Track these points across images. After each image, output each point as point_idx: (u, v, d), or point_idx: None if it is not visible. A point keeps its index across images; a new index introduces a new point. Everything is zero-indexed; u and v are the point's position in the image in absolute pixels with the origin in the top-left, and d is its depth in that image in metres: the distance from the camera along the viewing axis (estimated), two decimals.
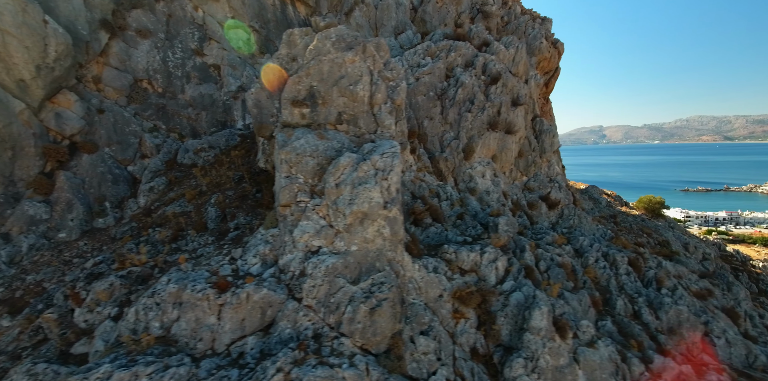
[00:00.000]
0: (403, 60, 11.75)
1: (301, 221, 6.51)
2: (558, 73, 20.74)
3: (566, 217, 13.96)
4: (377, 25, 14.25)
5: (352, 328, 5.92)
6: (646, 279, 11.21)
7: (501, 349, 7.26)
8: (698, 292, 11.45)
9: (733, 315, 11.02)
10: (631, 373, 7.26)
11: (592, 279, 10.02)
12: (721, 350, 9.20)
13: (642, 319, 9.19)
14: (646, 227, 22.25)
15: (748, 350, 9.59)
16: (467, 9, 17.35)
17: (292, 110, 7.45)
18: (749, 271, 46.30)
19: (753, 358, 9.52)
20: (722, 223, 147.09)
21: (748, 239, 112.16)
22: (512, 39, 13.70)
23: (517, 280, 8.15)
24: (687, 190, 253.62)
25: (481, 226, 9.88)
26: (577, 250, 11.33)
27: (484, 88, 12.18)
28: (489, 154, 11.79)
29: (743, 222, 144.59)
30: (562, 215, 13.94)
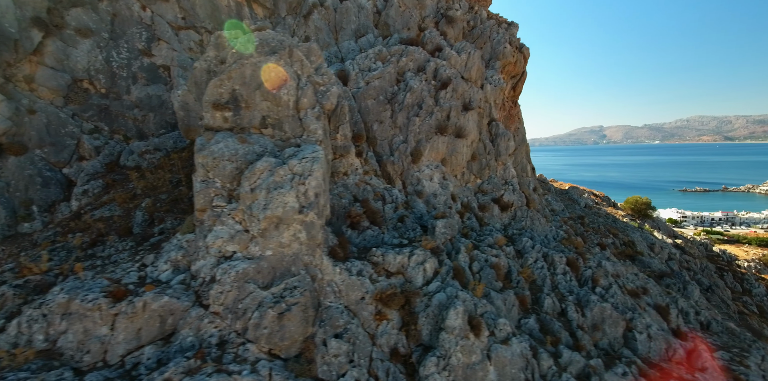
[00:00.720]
0: (354, 64, 12.01)
1: (216, 226, 6.57)
2: (525, 76, 21.22)
3: (519, 218, 14.34)
4: (337, 28, 14.47)
5: (258, 333, 6.00)
6: (583, 278, 11.66)
7: (420, 349, 7.50)
8: (633, 290, 11.96)
9: (663, 312, 11.66)
10: (540, 367, 7.63)
11: (526, 278, 10.38)
12: (641, 344, 9.73)
13: (567, 316, 9.59)
14: (614, 228, 22.85)
15: (668, 344, 10.19)
16: (431, 13, 17.67)
17: (213, 113, 7.53)
18: (734, 270, 47.47)
19: (672, 351, 10.14)
20: (718, 224, 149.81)
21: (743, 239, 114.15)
22: (465, 45, 14.04)
23: (444, 281, 8.42)
24: (685, 191, 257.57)
25: (421, 228, 10.18)
26: (519, 251, 11.71)
27: (434, 92, 12.49)
28: (438, 157, 12.10)
29: (739, 222, 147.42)
30: (515, 217, 14.31)
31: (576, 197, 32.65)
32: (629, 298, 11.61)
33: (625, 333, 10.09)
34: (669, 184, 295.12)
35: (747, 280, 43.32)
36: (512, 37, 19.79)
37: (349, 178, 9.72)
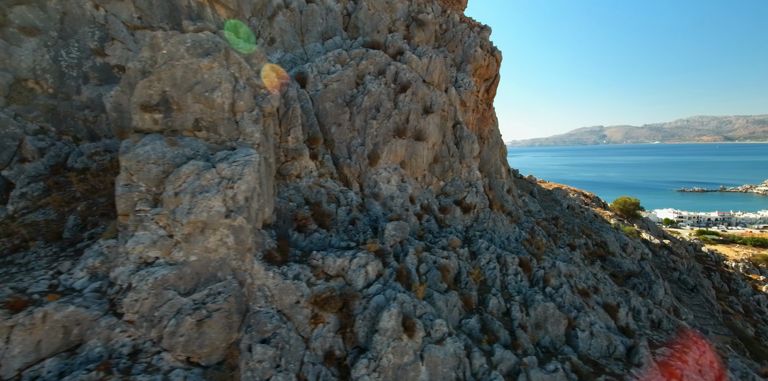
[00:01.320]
0: (313, 67, 12.04)
1: (138, 231, 6.44)
2: (498, 79, 21.42)
3: (481, 220, 14.47)
4: (303, 30, 14.45)
5: (173, 341, 5.90)
6: (535, 278, 11.88)
7: (356, 351, 7.42)
8: (583, 289, 12.26)
9: (611, 310, 12.07)
10: (472, 365, 7.74)
11: (475, 279, 10.49)
12: (582, 342, 10.03)
13: (511, 315, 9.73)
14: (588, 229, 23.13)
15: (609, 341, 10.49)
16: (402, 17, 17.75)
17: (142, 115, 7.38)
18: (722, 270, 47.98)
19: (613, 348, 10.49)
20: (714, 224, 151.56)
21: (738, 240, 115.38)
22: (427, 49, 14.14)
23: (387, 283, 8.46)
24: (683, 191, 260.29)
25: (373, 231, 10.25)
26: (473, 253, 11.84)
27: (394, 96, 12.57)
28: (397, 160, 12.17)
29: (735, 222, 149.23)
30: (477, 218, 14.44)
31: (559, 198, 32.91)
32: (578, 297, 11.85)
33: (567, 331, 10.32)
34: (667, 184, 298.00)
35: (734, 280, 44.01)
36: (484, 41, 19.94)
37: (302, 180, 9.76)
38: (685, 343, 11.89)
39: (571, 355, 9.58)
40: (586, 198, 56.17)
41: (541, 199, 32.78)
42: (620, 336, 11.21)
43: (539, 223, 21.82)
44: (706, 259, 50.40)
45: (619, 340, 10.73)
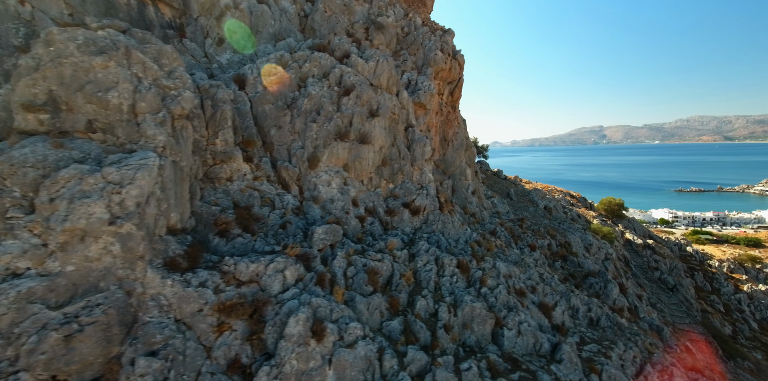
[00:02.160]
0: (253, 68, 12.06)
1: (6, 240, 5.92)
2: (461, 82, 21.48)
3: (430, 222, 14.55)
4: (253, 31, 14.47)
5: (32, 360, 5.39)
6: (473, 279, 11.88)
7: (263, 358, 7.12)
8: (520, 289, 12.39)
9: (546, 309, 12.26)
10: (382, 367, 7.78)
11: (407, 281, 10.58)
12: (508, 340, 10.15)
13: (438, 316, 9.82)
14: (553, 230, 23.20)
15: (536, 339, 10.64)
16: (361, 19, 17.80)
17: (25, 116, 6.75)
18: (705, 270, 48.01)
19: (539, 345, 10.65)
20: (709, 224, 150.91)
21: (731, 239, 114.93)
22: (374, 52, 14.19)
23: (306, 288, 8.18)
24: (680, 191, 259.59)
25: (303, 234, 10.33)
26: (413, 255, 11.93)
27: (337, 99, 12.61)
28: (339, 163, 12.24)
29: (730, 222, 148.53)
30: (427, 221, 14.52)
31: (536, 199, 32.95)
32: (514, 297, 11.96)
33: (495, 330, 10.39)
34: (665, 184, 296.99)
35: (717, 280, 44.12)
36: (445, 44, 20.01)
37: (234, 183, 9.76)
38: (612, 340, 12.05)
39: (493, 353, 9.69)
40: (573, 198, 56.17)
41: (518, 200, 32.82)
42: (549, 334, 11.35)
43: (503, 224, 21.91)
44: (690, 258, 50.45)
45: (546, 338, 10.88)
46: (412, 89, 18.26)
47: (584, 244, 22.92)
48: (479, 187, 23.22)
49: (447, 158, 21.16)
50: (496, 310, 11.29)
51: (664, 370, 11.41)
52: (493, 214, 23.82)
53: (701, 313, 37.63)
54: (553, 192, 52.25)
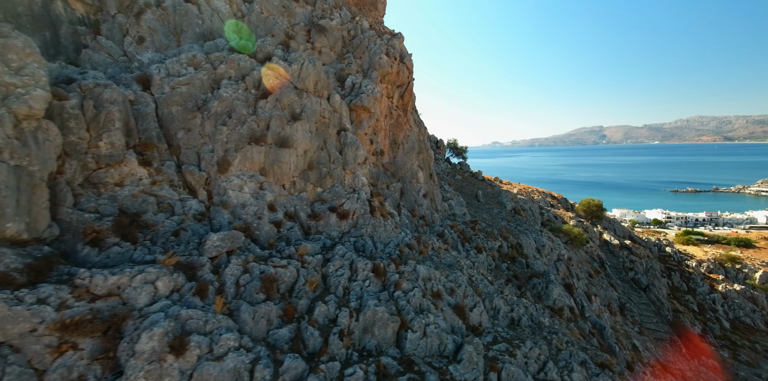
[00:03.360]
0: (161, 68, 11.63)
1: None
2: (411, 86, 21.62)
3: (360, 226, 14.67)
4: (177, 30, 14.39)
5: None
6: (389, 283, 11.97)
7: (113, 377, 6.80)
8: (437, 292, 12.52)
9: (460, 311, 12.40)
10: (253, 378, 7.78)
11: (313, 287, 10.69)
12: (410, 343, 10.23)
13: (337, 322, 9.91)
14: (507, 232, 23.27)
15: (441, 340, 10.77)
16: (303, 21, 17.94)
17: None
18: (683, 270, 48.04)
19: (444, 347, 10.77)
20: (702, 224, 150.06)
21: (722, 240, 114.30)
22: (299, 55, 14.33)
23: (183, 299, 8.00)
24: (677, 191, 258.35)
25: (199, 242, 10.30)
26: (329, 259, 12.04)
27: (254, 102, 12.75)
28: (254, 167, 12.35)
29: (722, 223, 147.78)
30: (356, 225, 14.65)
31: (505, 201, 33.02)
32: (429, 299, 12.09)
33: (401, 333, 10.48)
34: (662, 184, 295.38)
35: (693, 280, 44.04)
36: (392, 48, 20.16)
37: (124, 189, 9.82)
38: (522, 338, 12.30)
39: (390, 356, 9.80)
40: (554, 200, 56.11)
41: (486, 201, 32.89)
42: (457, 335, 11.52)
43: (455, 226, 22.02)
44: (668, 259, 50.43)
45: (452, 339, 11.05)
46: (355, 92, 18.43)
47: (537, 245, 23.02)
48: (434, 189, 23.33)
49: (397, 161, 21.30)
50: (404, 313, 11.42)
51: (564, 367, 11.57)
52: (448, 216, 23.93)
53: (672, 313, 37.69)
54: (533, 193, 52.22)
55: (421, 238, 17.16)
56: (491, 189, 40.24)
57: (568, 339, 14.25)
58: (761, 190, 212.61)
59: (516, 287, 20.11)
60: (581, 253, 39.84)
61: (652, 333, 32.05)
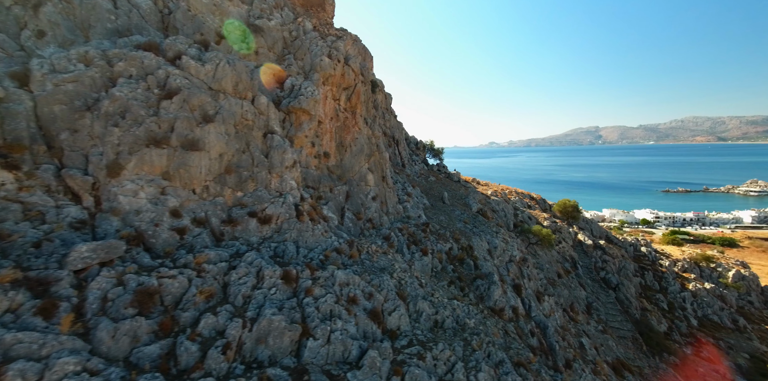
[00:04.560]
0: (44, 64, 10.93)
1: None
2: (358, 89, 21.07)
3: (284, 231, 14.15)
4: (84, 25, 13.65)
5: None
6: (300, 289, 11.63)
7: None
8: (353, 297, 12.23)
9: (376, 316, 12.21)
10: None
11: (205, 297, 10.13)
12: (310, 351, 9.93)
13: (225, 334, 9.38)
14: (459, 234, 22.75)
15: (345, 347, 10.52)
16: (236, 20, 17.38)
17: None
18: (656, 270, 47.66)
19: (348, 353, 10.50)
20: (689, 224, 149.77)
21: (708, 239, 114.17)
22: (215, 55, 13.78)
23: (19, 319, 7.37)
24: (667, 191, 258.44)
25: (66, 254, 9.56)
26: (235, 267, 11.48)
27: (156, 102, 12.16)
28: (154, 171, 11.78)
29: (709, 222, 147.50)
30: (280, 230, 14.11)
31: (471, 203, 32.47)
32: (342, 305, 11.86)
33: (302, 341, 10.16)
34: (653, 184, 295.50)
35: (665, 279, 43.54)
36: (335, 50, 19.65)
37: None
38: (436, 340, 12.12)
39: (282, 367, 9.34)
40: (532, 200, 55.59)
41: (452, 203, 32.36)
42: (365, 340, 11.31)
43: (405, 229, 21.52)
44: (643, 258, 50.11)
45: (358, 345, 10.80)
46: (295, 94, 17.86)
47: (490, 247, 22.57)
48: (386, 192, 22.81)
49: (344, 164, 20.77)
50: (309, 320, 10.96)
51: (473, 367, 11.26)
52: (401, 218, 23.43)
53: (640, 311, 37.22)
54: (510, 194, 51.70)
55: (354, 242, 16.66)
56: (464, 190, 39.68)
57: (490, 339, 14.21)
58: (749, 190, 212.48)
59: (459, 289, 19.72)
60: (553, 254, 39.34)
61: (616, 331, 31.66)
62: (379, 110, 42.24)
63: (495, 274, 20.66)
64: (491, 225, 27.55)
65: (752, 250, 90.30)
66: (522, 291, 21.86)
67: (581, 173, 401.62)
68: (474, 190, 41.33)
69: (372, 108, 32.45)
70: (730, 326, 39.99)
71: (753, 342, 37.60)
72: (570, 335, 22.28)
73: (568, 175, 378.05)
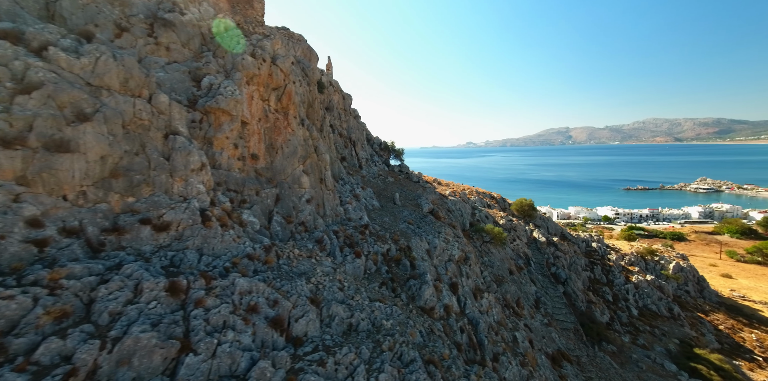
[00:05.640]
0: None
1: None
2: (288, 89, 20.10)
3: (185, 238, 12.98)
4: None
5: None
6: (189, 301, 10.78)
7: None
8: (254, 306, 11.60)
9: (279, 324, 11.65)
10: None
11: (54, 318, 8.84)
12: (188, 368, 9.11)
13: (72, 359, 8.33)
14: (398, 234, 22.28)
15: (233, 359, 9.89)
16: (142, 13, 15.92)
17: None
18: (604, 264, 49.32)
19: (236, 366, 9.86)
20: (645, 220, 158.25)
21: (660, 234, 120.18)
22: (97, 47, 12.44)
23: None
24: (629, 189, 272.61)
25: None
26: (108, 281, 10.22)
27: (9, 97, 10.67)
28: (5, 175, 10.22)
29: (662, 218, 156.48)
30: (181, 237, 12.91)
31: (424, 203, 32.14)
32: (240, 314, 11.16)
33: (180, 357, 9.35)
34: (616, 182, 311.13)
35: (612, 272, 45.23)
36: (260, 50, 18.69)
37: None
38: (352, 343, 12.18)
39: None
40: (492, 200, 56.40)
41: (404, 204, 31.95)
42: (255, 351, 10.58)
43: (341, 231, 20.73)
44: (593, 253, 51.80)
45: (249, 356, 10.20)
46: (212, 94, 16.55)
47: (430, 247, 22.15)
48: (324, 194, 21.95)
49: (275, 166, 19.71)
50: (193, 334, 9.88)
51: (377, 369, 10.83)
52: (340, 221, 22.66)
53: (586, 304, 38.41)
54: (471, 194, 52.11)
55: (273, 247, 15.71)
56: (422, 190, 39.36)
57: (405, 339, 14.06)
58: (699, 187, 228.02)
59: (391, 290, 19.25)
60: (507, 251, 39.84)
61: (560, 324, 32.41)
62: (335, 111, 41.25)
63: (429, 274, 20.36)
64: (438, 225, 27.30)
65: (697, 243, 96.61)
66: (458, 289, 21.68)
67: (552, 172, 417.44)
68: (432, 191, 41.19)
69: (320, 109, 31.40)
70: (666, 314, 42.25)
71: (684, 328, 39.91)
72: (505, 330, 22.39)
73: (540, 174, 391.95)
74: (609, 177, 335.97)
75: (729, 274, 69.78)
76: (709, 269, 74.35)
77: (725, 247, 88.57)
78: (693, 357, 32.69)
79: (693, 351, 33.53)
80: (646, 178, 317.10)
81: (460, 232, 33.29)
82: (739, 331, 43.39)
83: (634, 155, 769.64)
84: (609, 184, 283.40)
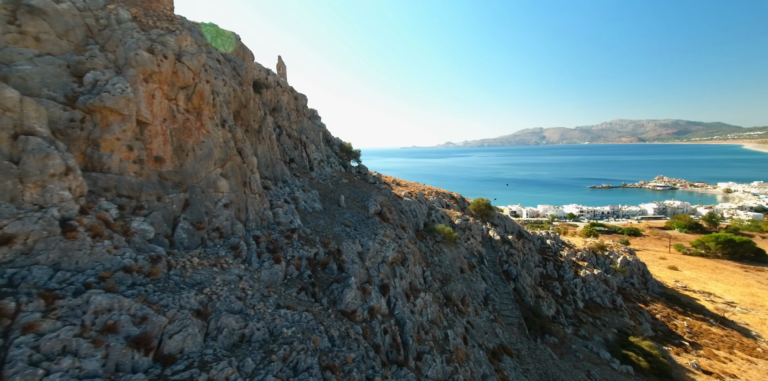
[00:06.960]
0: None
1: None
2: (199, 88, 18.63)
3: (36, 252, 11.33)
4: None
5: None
6: (16, 327, 9.26)
7: None
8: (112, 325, 10.48)
9: (145, 342, 10.55)
10: None
11: None
12: None
13: None
14: (329, 238, 21.41)
15: None
16: None
17: None
18: (556, 260, 50.17)
19: None
20: (606, 216, 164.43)
21: (618, 230, 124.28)
22: None
23: None
24: (594, 187, 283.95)
25: None
26: None
27: None
28: None
29: (621, 215, 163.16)
30: (30, 251, 11.23)
31: (370, 205, 31.26)
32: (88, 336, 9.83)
33: None
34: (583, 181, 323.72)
35: (563, 268, 46.14)
36: (161, 45, 17.15)
37: None
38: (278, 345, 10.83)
39: None
40: (452, 200, 56.50)
41: (349, 206, 30.99)
42: (101, 377, 9.46)
43: (263, 236, 19.51)
44: (547, 250, 52.81)
45: None
46: (97, 91, 14.83)
47: (363, 250, 21.28)
48: (247, 198, 20.56)
49: (185, 169, 18.18)
50: (8, 367, 8.30)
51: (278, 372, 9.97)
52: (269, 225, 21.44)
53: (535, 299, 38.84)
54: (429, 194, 51.89)
55: (162, 257, 14.23)
56: (376, 192, 38.47)
57: (305, 346, 13.38)
58: (657, 185, 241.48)
59: (311, 295, 18.30)
60: (461, 250, 39.69)
61: (505, 319, 32.54)
62: (283, 111, 39.65)
63: (354, 277, 19.53)
64: (380, 227, 26.47)
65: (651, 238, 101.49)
66: (389, 291, 20.87)
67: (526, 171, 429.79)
68: (386, 192, 40.48)
69: (258, 109, 29.84)
70: (609, 306, 43.65)
71: (624, 318, 41.35)
72: (438, 328, 21.94)
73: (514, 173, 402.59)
74: (577, 176, 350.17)
75: (675, 267, 73.71)
76: (658, 262, 78.28)
77: (674, 241, 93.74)
78: (627, 345, 33.87)
79: (628, 339, 34.69)
80: (610, 176, 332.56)
81: (408, 233, 32.76)
82: (674, 319, 45.64)
83: (601, 155, 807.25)
84: (577, 183, 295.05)
